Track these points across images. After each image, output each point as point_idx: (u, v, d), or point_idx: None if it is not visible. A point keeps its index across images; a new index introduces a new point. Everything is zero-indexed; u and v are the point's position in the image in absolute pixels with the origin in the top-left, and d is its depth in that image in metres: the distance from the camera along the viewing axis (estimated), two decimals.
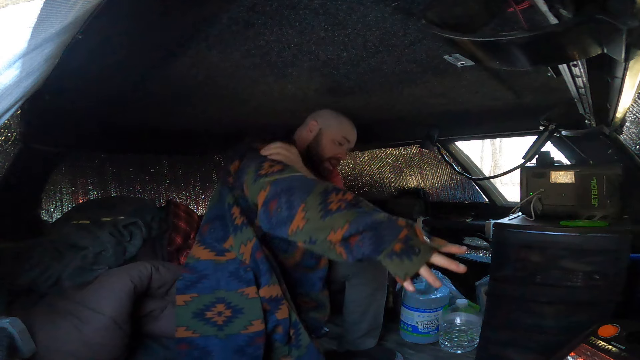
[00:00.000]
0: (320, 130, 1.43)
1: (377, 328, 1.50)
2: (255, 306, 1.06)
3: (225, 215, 1.16)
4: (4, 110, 0.48)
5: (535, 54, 0.47)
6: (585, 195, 1.25)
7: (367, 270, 1.44)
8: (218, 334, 1.05)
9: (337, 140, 1.42)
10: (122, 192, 1.89)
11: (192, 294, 1.09)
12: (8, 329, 0.89)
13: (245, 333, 1.05)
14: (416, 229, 0.79)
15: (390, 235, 0.77)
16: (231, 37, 0.81)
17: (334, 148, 1.43)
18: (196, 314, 1.07)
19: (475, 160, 2.03)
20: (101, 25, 0.53)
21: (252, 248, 1.09)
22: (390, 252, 0.76)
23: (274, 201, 0.90)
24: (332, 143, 1.43)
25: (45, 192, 1.63)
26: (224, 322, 1.06)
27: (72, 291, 1.11)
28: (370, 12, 0.71)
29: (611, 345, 0.83)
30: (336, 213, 0.82)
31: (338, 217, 0.81)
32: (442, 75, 1.07)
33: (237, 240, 1.11)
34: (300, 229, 0.85)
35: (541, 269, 1.12)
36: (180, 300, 1.08)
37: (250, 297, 1.07)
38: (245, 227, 1.11)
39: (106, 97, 1.19)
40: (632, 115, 1.03)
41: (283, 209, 0.88)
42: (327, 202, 0.84)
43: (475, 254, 1.94)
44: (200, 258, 1.13)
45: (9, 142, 1.25)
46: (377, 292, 1.47)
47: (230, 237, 1.13)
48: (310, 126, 1.43)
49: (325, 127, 1.43)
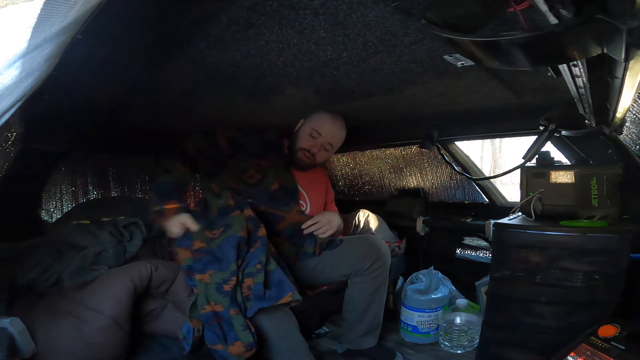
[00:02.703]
0: (301, 124, 1.56)
1: (377, 327, 1.50)
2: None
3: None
4: (4, 110, 0.48)
5: (535, 54, 0.47)
6: (585, 195, 1.25)
7: (368, 269, 1.44)
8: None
9: (310, 132, 1.51)
10: (122, 192, 1.89)
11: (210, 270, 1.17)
12: (8, 329, 0.89)
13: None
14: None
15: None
16: (231, 37, 0.81)
17: (307, 140, 1.52)
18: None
19: (475, 160, 2.02)
20: (101, 25, 0.53)
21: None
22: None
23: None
24: (306, 135, 1.52)
25: (45, 192, 1.63)
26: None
27: (72, 291, 1.11)
28: (370, 12, 0.71)
29: (611, 345, 0.83)
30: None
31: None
32: (442, 75, 1.07)
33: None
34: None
35: (541, 269, 1.12)
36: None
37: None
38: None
39: (106, 97, 1.19)
40: (632, 115, 1.03)
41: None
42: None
43: (475, 254, 1.94)
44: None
45: (9, 142, 1.25)
46: (378, 291, 1.47)
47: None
48: (298, 123, 1.58)
49: (305, 122, 1.55)
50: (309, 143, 1.52)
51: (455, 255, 1.99)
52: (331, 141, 1.54)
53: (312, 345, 1.50)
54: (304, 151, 1.53)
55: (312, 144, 1.52)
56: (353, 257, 1.45)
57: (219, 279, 1.14)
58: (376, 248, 1.47)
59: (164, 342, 1.18)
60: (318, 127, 1.51)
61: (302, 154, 1.53)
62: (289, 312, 1.21)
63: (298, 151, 1.53)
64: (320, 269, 1.48)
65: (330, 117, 1.53)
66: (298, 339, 1.20)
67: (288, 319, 1.20)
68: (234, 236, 1.22)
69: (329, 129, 1.53)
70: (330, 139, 1.54)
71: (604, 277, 1.05)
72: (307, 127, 1.53)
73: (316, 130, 1.51)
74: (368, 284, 1.45)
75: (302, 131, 1.54)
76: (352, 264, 1.45)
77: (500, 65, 0.52)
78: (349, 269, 1.45)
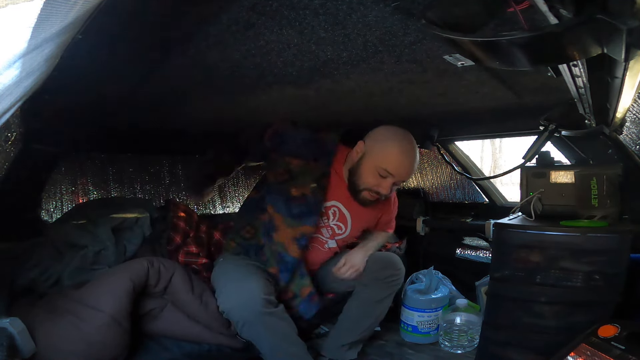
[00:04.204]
0: (364, 154, 1.26)
1: (362, 341, 1.48)
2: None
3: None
4: (4, 110, 0.48)
5: (535, 54, 0.47)
6: (585, 195, 1.25)
7: (383, 279, 1.40)
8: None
9: (377, 170, 1.24)
10: (122, 192, 1.89)
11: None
12: (8, 329, 0.89)
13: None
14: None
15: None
16: (231, 37, 0.81)
17: (373, 178, 1.25)
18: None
19: (475, 160, 2.03)
20: (101, 25, 0.53)
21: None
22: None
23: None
24: (371, 172, 1.24)
25: (45, 192, 1.63)
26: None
27: (71, 290, 1.11)
28: (370, 12, 0.71)
29: (611, 345, 0.83)
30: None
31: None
32: (442, 75, 1.07)
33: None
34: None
35: (541, 269, 1.12)
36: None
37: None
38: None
39: (106, 97, 1.19)
40: (632, 115, 1.02)
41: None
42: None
43: (475, 254, 1.94)
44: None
45: (9, 142, 1.25)
46: (382, 302, 1.42)
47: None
48: (357, 146, 1.28)
49: (369, 151, 1.25)
50: (375, 181, 1.25)
51: (455, 255, 1.99)
52: (404, 179, 1.30)
53: (312, 345, 1.50)
54: (369, 192, 1.28)
55: (380, 183, 1.25)
56: (372, 267, 1.39)
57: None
58: (395, 264, 1.43)
59: (163, 342, 1.19)
60: (388, 166, 1.23)
61: (368, 194, 1.28)
62: (286, 317, 1.21)
63: (362, 190, 1.28)
64: (334, 277, 1.42)
65: (400, 149, 1.23)
66: (297, 343, 1.21)
67: (285, 324, 1.20)
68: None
69: (401, 164, 1.24)
70: (404, 177, 1.28)
71: (604, 277, 1.05)
72: (371, 160, 1.24)
73: (386, 170, 1.23)
74: (375, 292, 1.40)
75: (365, 165, 1.25)
76: (368, 274, 1.39)
77: (500, 65, 0.52)
78: (364, 278, 1.40)
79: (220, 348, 1.24)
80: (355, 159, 1.29)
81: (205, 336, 1.21)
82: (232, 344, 1.25)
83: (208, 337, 1.22)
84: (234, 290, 1.16)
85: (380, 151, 1.24)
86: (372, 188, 1.26)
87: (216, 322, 1.21)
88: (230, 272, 1.25)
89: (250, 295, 1.14)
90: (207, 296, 1.23)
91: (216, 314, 1.20)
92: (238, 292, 1.15)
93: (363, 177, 1.26)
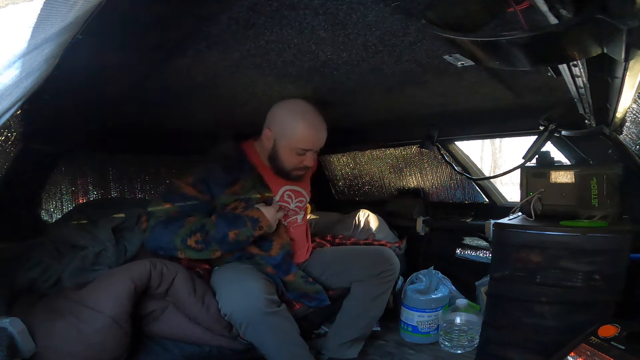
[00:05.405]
0: (275, 140, 1.31)
1: (362, 338, 1.49)
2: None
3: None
4: (4, 110, 0.48)
5: (535, 54, 0.47)
6: (585, 195, 1.25)
7: (377, 275, 1.42)
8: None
9: (294, 150, 1.30)
10: (122, 192, 1.89)
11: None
12: (8, 329, 0.89)
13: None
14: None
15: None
16: (231, 37, 0.81)
17: (294, 158, 1.31)
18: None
19: (475, 160, 2.02)
20: (101, 25, 0.53)
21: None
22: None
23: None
24: (290, 153, 1.30)
25: (45, 192, 1.63)
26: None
27: (71, 291, 1.11)
28: (370, 12, 0.71)
29: (611, 345, 0.83)
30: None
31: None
32: (442, 75, 1.07)
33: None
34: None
35: (541, 269, 1.12)
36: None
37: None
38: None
39: (106, 97, 1.19)
40: (632, 115, 1.03)
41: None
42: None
43: (475, 254, 1.94)
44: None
45: (9, 142, 1.25)
46: (378, 298, 1.43)
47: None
48: (265, 135, 1.32)
49: (279, 136, 1.30)
50: (298, 160, 1.32)
51: (455, 255, 1.99)
52: (322, 145, 1.36)
53: (312, 345, 1.50)
54: (296, 169, 1.36)
55: (302, 160, 1.33)
56: (365, 263, 1.43)
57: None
58: (388, 258, 1.45)
59: (164, 344, 1.18)
60: (304, 145, 1.29)
61: (296, 172, 1.37)
62: (289, 317, 1.21)
63: (290, 171, 1.35)
64: (329, 273, 1.47)
65: (307, 123, 1.27)
66: (299, 343, 1.21)
67: (288, 324, 1.20)
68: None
69: (315, 139, 1.31)
70: (322, 144, 1.35)
71: (604, 277, 1.05)
72: (286, 144, 1.29)
73: (303, 149, 1.30)
74: (371, 289, 1.42)
75: (282, 150, 1.30)
76: (362, 270, 1.42)
77: (500, 65, 0.52)
78: (359, 274, 1.42)
79: (221, 350, 1.24)
80: (269, 147, 1.34)
81: (206, 338, 1.21)
82: (233, 346, 1.25)
83: (209, 339, 1.22)
84: (235, 292, 1.16)
85: (291, 133, 1.28)
86: (297, 166, 1.34)
87: (217, 324, 1.21)
88: (229, 275, 1.25)
89: (252, 295, 1.14)
90: (208, 298, 1.22)
91: (217, 316, 1.19)
92: (239, 294, 1.15)
93: (285, 160, 1.32)
